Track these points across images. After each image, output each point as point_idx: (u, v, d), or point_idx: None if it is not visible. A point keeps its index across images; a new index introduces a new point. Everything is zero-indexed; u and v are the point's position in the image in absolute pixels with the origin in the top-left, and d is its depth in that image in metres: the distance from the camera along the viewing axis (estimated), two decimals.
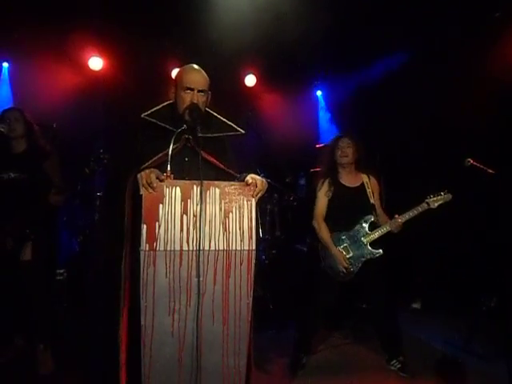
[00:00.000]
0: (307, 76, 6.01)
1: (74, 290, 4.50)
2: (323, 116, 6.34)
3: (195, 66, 2.51)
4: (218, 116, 2.59)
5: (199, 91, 2.44)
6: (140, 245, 2.06)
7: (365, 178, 3.64)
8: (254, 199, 2.19)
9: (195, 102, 2.41)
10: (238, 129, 2.58)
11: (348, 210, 3.55)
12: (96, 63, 5.33)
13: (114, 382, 2.19)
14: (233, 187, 2.18)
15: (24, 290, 3.41)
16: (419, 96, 5.36)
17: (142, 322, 2.06)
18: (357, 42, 5.39)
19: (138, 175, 2.11)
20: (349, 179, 3.63)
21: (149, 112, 2.47)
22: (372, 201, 3.58)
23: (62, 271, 4.45)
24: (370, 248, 3.52)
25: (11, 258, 3.40)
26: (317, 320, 3.65)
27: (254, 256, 2.14)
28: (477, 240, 4.77)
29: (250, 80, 5.92)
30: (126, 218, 2.22)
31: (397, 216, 3.48)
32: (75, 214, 4.66)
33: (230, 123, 2.59)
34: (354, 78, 5.83)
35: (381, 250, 3.52)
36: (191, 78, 2.45)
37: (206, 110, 2.52)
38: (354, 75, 5.81)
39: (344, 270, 3.46)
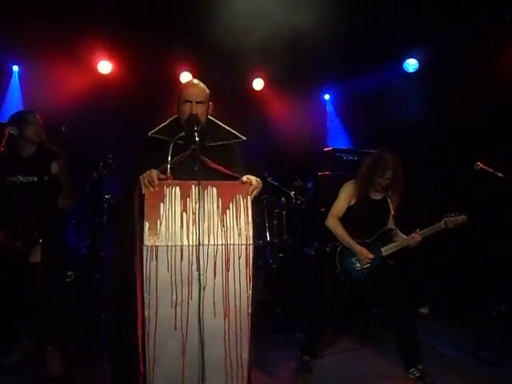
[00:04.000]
0: (315, 79, 6.00)
1: (82, 292, 4.51)
2: (331, 120, 6.33)
3: (194, 81, 2.73)
4: (221, 124, 2.74)
5: (197, 103, 2.60)
6: (143, 241, 2.17)
7: (388, 191, 3.60)
8: (249, 196, 2.32)
9: (194, 113, 2.58)
10: (241, 136, 2.73)
11: (369, 221, 3.53)
12: (105, 67, 5.37)
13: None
14: (229, 186, 2.34)
15: (33, 292, 3.43)
16: (428, 101, 5.36)
17: (146, 315, 2.16)
18: (366, 46, 5.40)
19: (140, 176, 2.26)
20: (375, 193, 3.59)
21: (156, 129, 2.66)
22: (392, 213, 3.59)
23: (70, 273, 4.47)
24: (386, 259, 3.52)
25: (20, 260, 3.42)
26: (325, 324, 3.63)
27: (251, 250, 2.25)
28: (486, 244, 4.73)
29: (258, 84, 5.93)
30: (136, 218, 2.33)
31: (417, 231, 3.49)
32: (83, 217, 4.68)
33: (232, 131, 2.74)
34: (363, 82, 5.83)
35: (395, 261, 3.52)
36: (189, 91, 2.64)
37: (208, 120, 2.69)
38: (362, 79, 5.80)
39: (367, 265, 3.45)
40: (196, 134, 2.45)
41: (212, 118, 2.73)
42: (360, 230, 3.52)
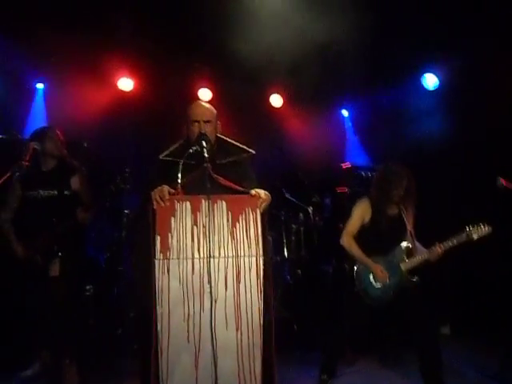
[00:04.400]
0: (334, 96, 6.01)
1: (100, 306, 4.54)
2: (349, 136, 6.32)
3: (200, 102, 2.90)
4: (230, 141, 2.83)
5: (205, 122, 2.70)
6: (155, 255, 2.21)
7: (401, 205, 3.56)
8: (258, 209, 2.36)
9: (203, 131, 2.66)
10: (249, 150, 2.81)
11: (385, 236, 3.48)
12: (126, 84, 5.49)
13: None
14: (239, 199, 2.38)
15: (51, 305, 3.47)
16: (449, 117, 5.31)
17: (159, 328, 2.18)
18: (385, 62, 5.40)
19: (152, 192, 2.34)
20: (389, 207, 3.55)
21: (166, 153, 2.76)
22: (409, 227, 3.52)
23: (88, 287, 4.52)
24: (406, 275, 3.43)
25: (40, 273, 3.47)
26: (344, 343, 3.56)
27: (261, 262, 2.27)
28: (508, 261, 4.61)
29: (277, 100, 5.97)
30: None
31: (437, 244, 3.40)
32: (102, 231, 4.74)
33: (241, 146, 2.81)
34: (382, 98, 5.82)
35: (417, 278, 3.44)
36: (196, 112, 2.75)
37: (217, 138, 2.78)
38: (381, 95, 5.79)
39: (385, 283, 3.39)
40: (205, 150, 2.51)
41: (221, 135, 2.81)
42: (377, 247, 3.47)
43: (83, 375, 3.49)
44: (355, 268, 3.50)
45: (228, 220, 2.29)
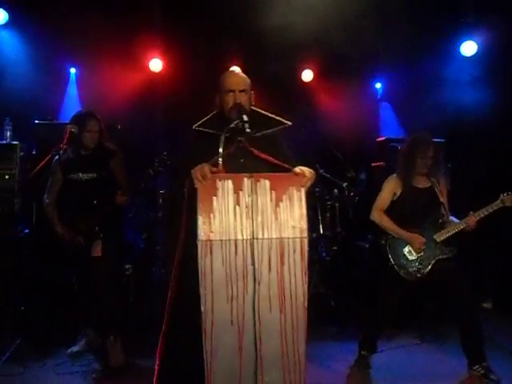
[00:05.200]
0: (366, 68, 5.85)
1: (139, 285, 4.65)
2: (383, 109, 6.16)
3: (233, 70, 2.81)
4: (265, 113, 2.71)
5: (240, 91, 2.59)
6: (196, 236, 2.17)
7: (433, 179, 3.51)
8: (303, 188, 2.26)
9: (238, 101, 2.55)
10: (285, 121, 2.68)
11: (417, 210, 3.43)
12: (156, 65, 5.46)
13: None
14: (282, 178, 2.28)
15: (95, 285, 3.56)
16: (487, 86, 5.11)
17: (203, 309, 2.16)
18: (420, 29, 5.20)
19: (192, 170, 2.25)
20: (419, 181, 3.51)
21: (199, 123, 2.65)
22: (441, 200, 3.46)
23: (128, 267, 4.62)
24: (442, 247, 3.39)
25: (83, 254, 3.57)
26: (383, 319, 3.54)
27: (306, 243, 2.21)
28: None
29: (307, 75, 5.85)
30: (183, 212, 2.39)
31: (471, 213, 3.34)
32: (139, 212, 4.81)
33: (277, 118, 2.69)
34: (416, 68, 5.62)
35: (453, 249, 3.38)
36: (230, 81, 2.62)
37: (251, 109, 2.65)
38: (416, 65, 5.60)
39: (420, 253, 3.34)
40: (246, 124, 2.39)
41: (254, 108, 2.69)
42: (409, 221, 3.42)
43: (127, 352, 3.59)
44: (388, 242, 3.46)
45: (271, 200, 2.21)
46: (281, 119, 2.69)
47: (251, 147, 2.49)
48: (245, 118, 2.41)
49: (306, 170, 2.33)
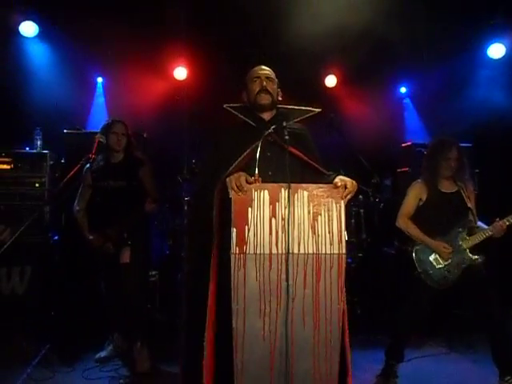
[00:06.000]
0: (390, 72, 5.80)
1: (165, 292, 4.69)
2: (408, 113, 6.08)
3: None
4: (291, 107, 2.66)
5: (267, 78, 2.57)
6: (230, 248, 2.11)
7: (460, 183, 3.46)
8: (343, 202, 2.15)
9: (264, 85, 2.52)
10: (313, 109, 2.64)
11: (444, 215, 3.38)
12: (181, 73, 5.51)
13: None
14: (321, 190, 2.16)
15: (123, 291, 3.61)
16: None
17: (234, 325, 2.09)
18: (446, 32, 5.13)
19: (227, 179, 2.16)
20: (445, 185, 3.47)
21: (231, 105, 2.63)
22: (469, 205, 3.40)
23: (154, 273, 4.67)
24: (469, 254, 3.32)
25: (111, 260, 3.62)
26: (410, 327, 3.49)
27: (344, 260, 2.12)
28: None
29: (331, 80, 5.83)
30: (214, 222, 2.30)
31: (498, 219, 3.28)
32: (165, 219, 4.86)
33: (303, 108, 2.64)
34: (442, 71, 5.54)
35: (482, 256, 3.32)
36: (256, 70, 2.63)
37: (278, 107, 2.59)
38: (441, 69, 5.52)
39: (448, 262, 3.29)
40: (286, 132, 2.30)
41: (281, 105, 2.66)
42: (435, 227, 3.37)
43: (153, 358, 3.63)
44: (414, 249, 3.42)
45: (309, 212, 2.10)
46: (308, 108, 2.64)
47: (283, 141, 2.36)
48: (284, 124, 2.36)
49: (348, 182, 2.20)
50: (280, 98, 2.66)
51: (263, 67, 2.67)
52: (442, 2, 4.88)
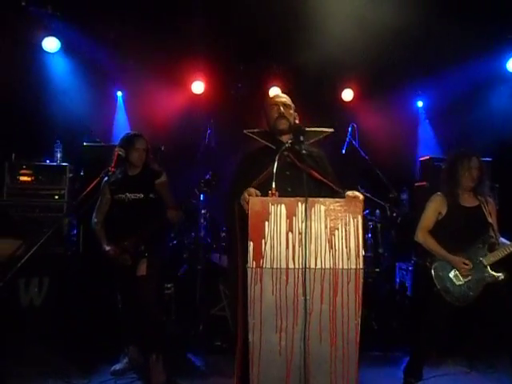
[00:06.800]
0: (407, 86, 5.79)
1: (180, 304, 4.69)
2: (425, 127, 6.05)
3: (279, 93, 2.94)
4: (307, 128, 2.72)
5: (284, 105, 2.76)
6: (247, 262, 2.12)
7: (481, 198, 3.40)
8: (360, 216, 2.16)
9: (282, 111, 2.71)
10: (326, 129, 2.77)
11: (465, 230, 3.31)
12: (198, 87, 5.58)
13: None
14: (338, 204, 2.16)
15: (139, 304, 3.62)
16: None
17: (250, 339, 2.10)
18: (463, 46, 5.11)
19: (242, 196, 2.27)
20: (466, 199, 3.40)
21: (250, 130, 2.84)
22: (490, 220, 3.33)
23: (169, 285, 4.68)
24: (490, 271, 3.24)
25: (128, 273, 3.64)
26: (429, 345, 3.43)
27: (361, 275, 2.11)
28: None
29: (348, 94, 5.84)
30: (233, 236, 2.38)
31: None
32: (181, 231, 4.88)
33: (319, 129, 2.78)
34: (459, 85, 5.51)
35: (504, 273, 3.24)
36: (274, 98, 2.89)
37: (295, 124, 2.75)
38: (459, 82, 5.49)
39: (468, 278, 3.22)
40: (302, 146, 2.43)
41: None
42: (455, 242, 3.30)
43: (168, 371, 3.61)
44: (433, 266, 3.35)
45: (326, 227, 2.11)
46: (323, 129, 2.77)
47: (300, 161, 2.48)
48: (301, 138, 2.46)
49: (359, 195, 2.26)
50: (297, 121, 2.80)
51: (280, 94, 2.92)
52: (459, 16, 4.86)
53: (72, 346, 4.01)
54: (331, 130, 2.76)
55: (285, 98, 2.82)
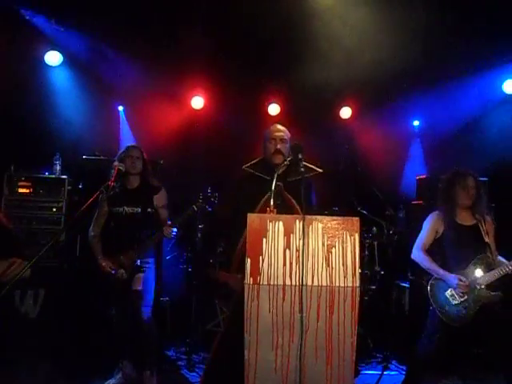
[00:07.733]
0: (404, 106, 5.85)
1: (177, 318, 4.67)
2: (422, 147, 6.09)
3: (277, 124, 3.12)
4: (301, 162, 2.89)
5: (281, 139, 2.99)
6: (244, 278, 2.13)
7: (479, 217, 3.40)
8: (357, 234, 2.18)
9: (278, 147, 2.95)
10: (317, 169, 2.98)
11: (461, 249, 3.31)
12: (198, 103, 5.63)
13: None
14: (335, 222, 2.18)
15: (133, 318, 3.60)
16: None
17: (246, 357, 2.08)
18: (459, 67, 5.19)
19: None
20: (463, 217, 3.40)
21: (248, 164, 3.06)
22: (487, 239, 3.33)
23: (165, 299, 4.66)
24: (486, 291, 3.23)
25: (123, 287, 3.62)
26: (424, 364, 3.41)
27: (358, 293, 2.12)
28: None
29: (346, 112, 5.90)
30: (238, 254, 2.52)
31: None
32: (178, 246, 4.88)
33: (310, 166, 2.95)
34: (456, 106, 5.58)
35: (499, 293, 3.23)
36: (273, 131, 3.06)
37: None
38: (455, 103, 5.56)
39: (464, 298, 3.21)
40: (301, 164, 2.60)
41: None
42: (452, 261, 3.30)
43: None
44: (429, 284, 3.34)
45: (323, 244, 2.12)
46: (313, 167, 2.96)
47: (287, 191, 2.77)
48: (300, 156, 2.62)
49: None
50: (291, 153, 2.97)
51: (278, 127, 3.08)
52: (456, 38, 4.95)
53: (66, 359, 3.97)
54: (320, 170, 2.98)
55: (282, 133, 3.05)
